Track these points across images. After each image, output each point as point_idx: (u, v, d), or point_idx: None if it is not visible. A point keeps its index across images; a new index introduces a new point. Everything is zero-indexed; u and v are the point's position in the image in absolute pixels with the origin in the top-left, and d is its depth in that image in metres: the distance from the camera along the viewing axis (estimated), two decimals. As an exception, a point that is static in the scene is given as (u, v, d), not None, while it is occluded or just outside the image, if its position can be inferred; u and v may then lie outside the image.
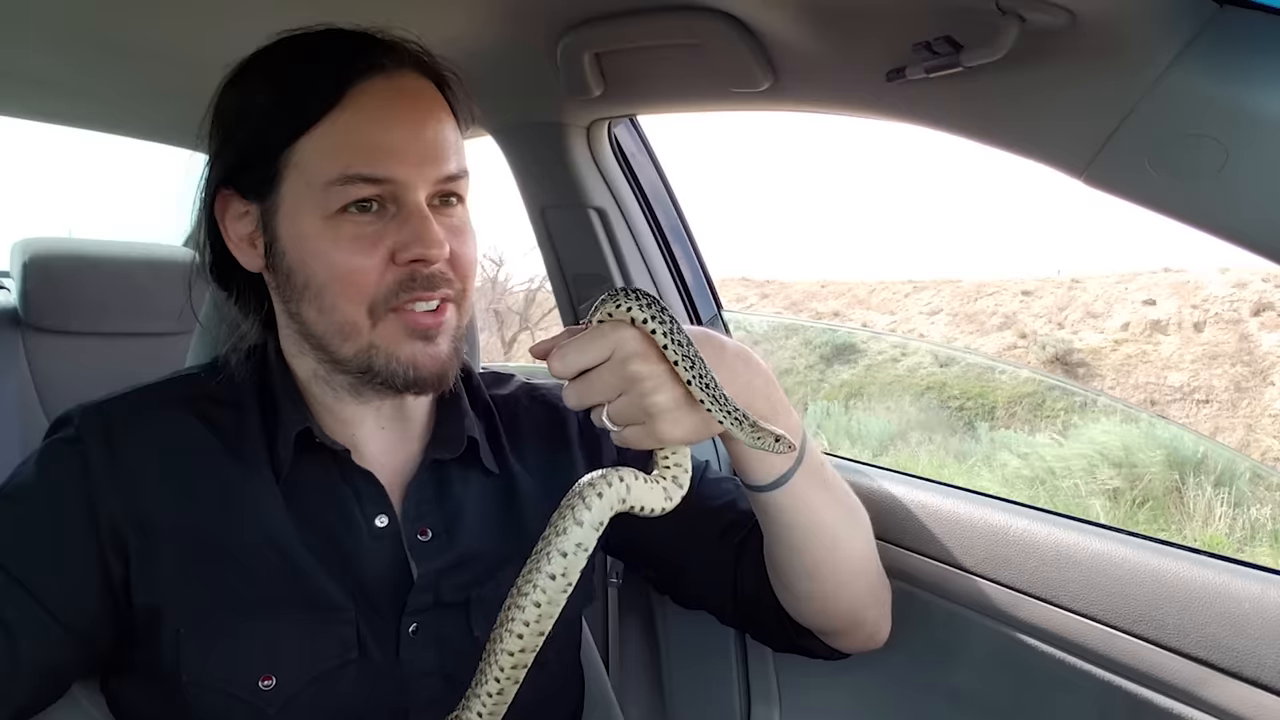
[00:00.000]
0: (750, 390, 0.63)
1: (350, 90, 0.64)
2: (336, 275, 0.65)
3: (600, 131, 1.19)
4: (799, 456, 0.67)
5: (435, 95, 0.69)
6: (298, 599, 0.66)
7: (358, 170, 0.63)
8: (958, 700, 0.90)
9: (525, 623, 0.55)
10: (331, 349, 0.67)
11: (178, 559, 0.65)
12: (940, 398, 7.51)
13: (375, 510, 0.70)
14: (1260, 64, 0.54)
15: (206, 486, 0.67)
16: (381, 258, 0.65)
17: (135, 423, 0.68)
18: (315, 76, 0.65)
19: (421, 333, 0.66)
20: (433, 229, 0.65)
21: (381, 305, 0.65)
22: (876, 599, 0.78)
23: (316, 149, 0.64)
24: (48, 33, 1.03)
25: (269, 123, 0.65)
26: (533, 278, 10.56)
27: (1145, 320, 8.88)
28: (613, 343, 0.57)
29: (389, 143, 0.64)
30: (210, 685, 0.64)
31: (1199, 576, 0.72)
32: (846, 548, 0.72)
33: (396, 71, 0.66)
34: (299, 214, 0.65)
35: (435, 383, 0.68)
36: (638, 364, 0.57)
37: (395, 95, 0.66)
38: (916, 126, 0.77)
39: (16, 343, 1.13)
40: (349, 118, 0.64)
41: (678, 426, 0.58)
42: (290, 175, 0.65)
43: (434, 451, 0.74)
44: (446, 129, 0.68)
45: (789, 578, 0.73)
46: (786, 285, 11.59)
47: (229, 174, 0.68)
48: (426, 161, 0.65)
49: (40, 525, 0.64)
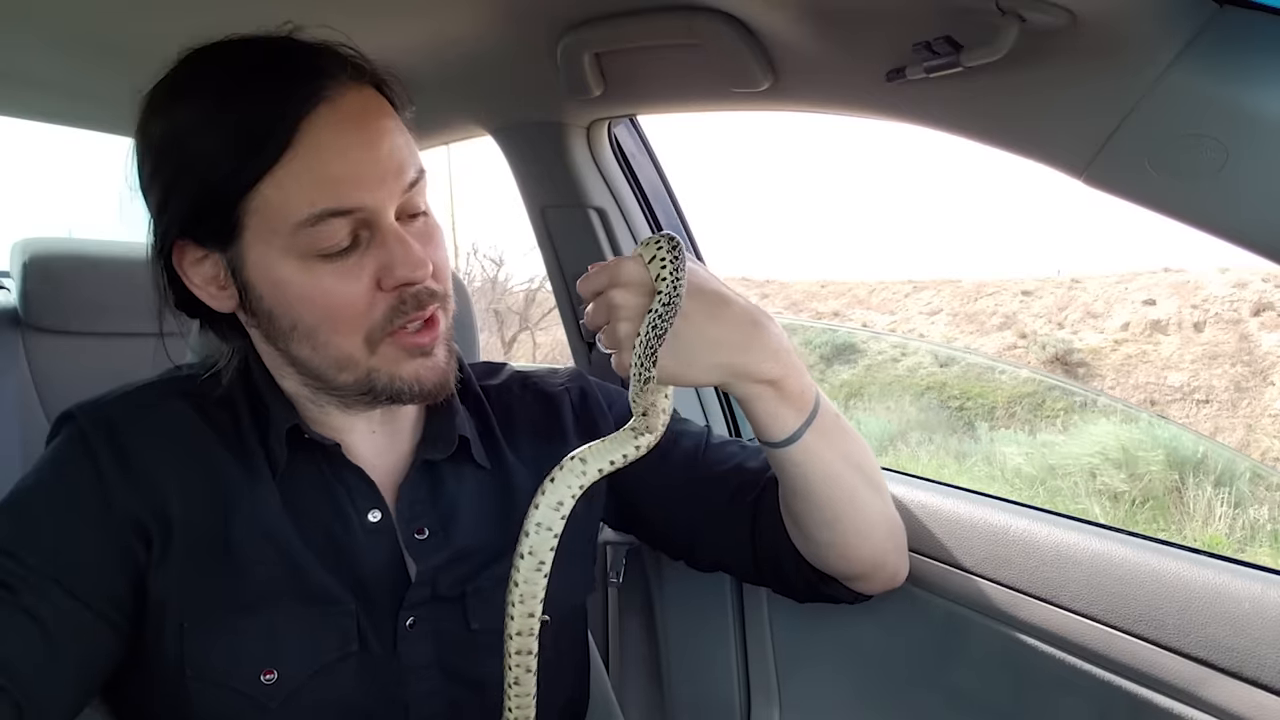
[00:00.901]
0: (746, 353, 0.64)
1: (300, 125, 0.61)
2: (327, 315, 0.64)
3: (600, 131, 1.19)
4: (811, 414, 0.68)
5: (379, 104, 0.67)
6: (298, 593, 0.66)
7: (326, 206, 0.61)
8: (958, 700, 0.90)
9: (511, 604, 0.59)
10: (327, 379, 0.67)
11: (183, 553, 0.65)
12: (940, 398, 7.51)
13: (368, 506, 0.71)
14: (1260, 64, 0.54)
15: (208, 482, 0.67)
16: (367, 287, 0.64)
17: (138, 419, 0.68)
18: (261, 119, 0.61)
19: (420, 350, 0.67)
20: (413, 250, 0.64)
21: (378, 333, 0.65)
22: (896, 543, 0.80)
23: (277, 193, 0.61)
24: (48, 33, 1.03)
25: (220, 173, 0.62)
26: (533, 278, 10.56)
27: (1145, 320, 8.87)
28: (611, 273, 0.61)
29: (349, 171, 0.62)
30: (213, 680, 0.64)
31: (1199, 576, 0.72)
32: (865, 499, 0.74)
33: (338, 94, 0.63)
34: (269, 258, 0.63)
35: (438, 391, 0.69)
36: (618, 294, 0.60)
37: (343, 119, 0.63)
38: (916, 126, 0.77)
39: (16, 343, 1.13)
40: (304, 156, 0.61)
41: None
42: (252, 222, 0.63)
43: (425, 452, 0.75)
44: (397, 136, 0.66)
45: (809, 529, 0.74)
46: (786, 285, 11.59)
47: (183, 227, 0.65)
48: (389, 178, 0.64)
49: (63, 522, 0.64)
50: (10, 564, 0.61)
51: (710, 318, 0.62)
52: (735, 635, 1.14)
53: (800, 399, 0.68)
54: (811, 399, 0.69)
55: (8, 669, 0.59)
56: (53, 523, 0.64)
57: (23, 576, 0.61)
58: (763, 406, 0.67)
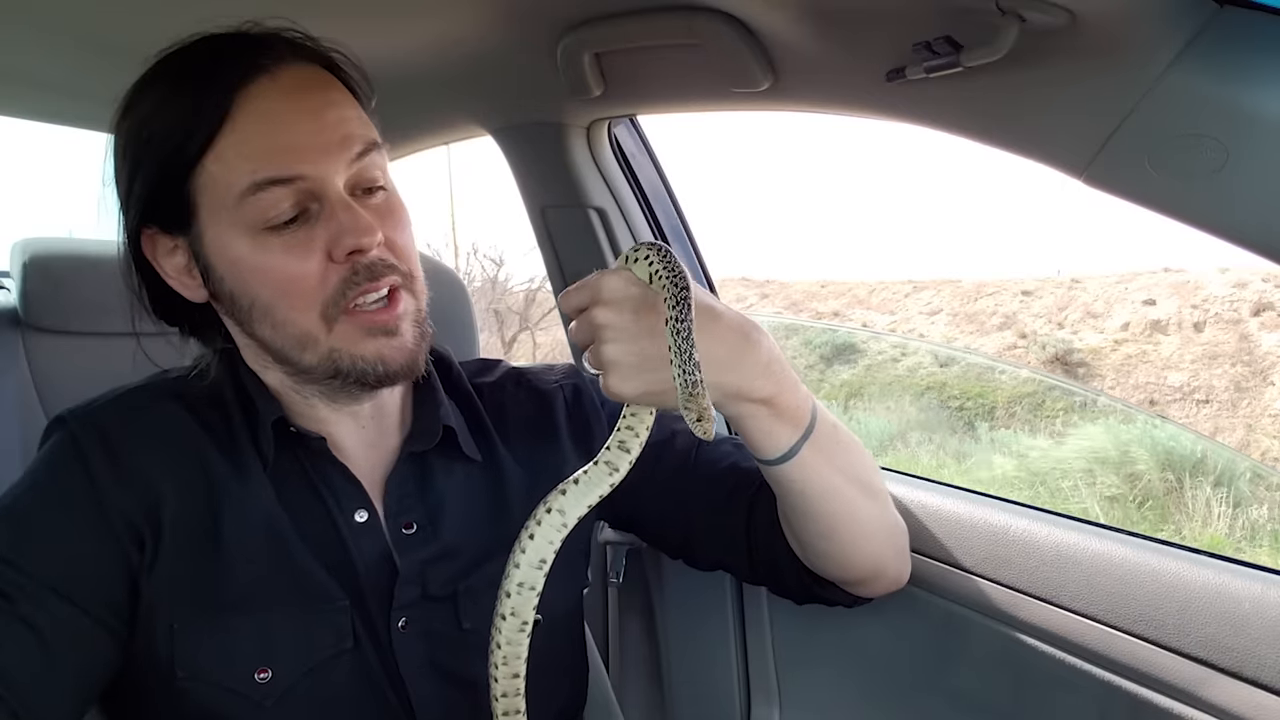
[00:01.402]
0: (737, 370, 0.63)
1: (236, 98, 0.62)
2: (280, 289, 0.64)
3: (600, 131, 1.19)
4: (806, 430, 0.67)
5: (325, 78, 0.67)
6: (291, 591, 0.66)
7: (265, 174, 0.62)
8: (958, 700, 0.90)
9: (494, 664, 0.58)
10: (294, 361, 0.67)
11: (175, 553, 0.65)
12: (940, 398, 7.50)
13: (353, 505, 0.71)
14: (1260, 64, 0.54)
15: (199, 481, 0.67)
16: (319, 259, 0.64)
17: (129, 422, 0.68)
18: (199, 94, 0.63)
19: (380, 329, 0.66)
20: (360, 216, 0.64)
21: (333, 308, 0.65)
22: (896, 549, 0.78)
23: (219, 165, 0.63)
24: (48, 33, 1.03)
25: (166, 152, 0.63)
26: (533, 278, 10.54)
27: (1145, 320, 8.87)
28: (593, 289, 0.59)
29: (289, 139, 0.63)
30: (206, 679, 0.64)
31: (1199, 576, 0.72)
32: (863, 510, 0.72)
33: (278, 67, 0.64)
34: (224, 238, 0.64)
35: (406, 373, 0.68)
36: (601, 313, 0.59)
37: (283, 91, 0.64)
38: (916, 126, 0.77)
39: (16, 343, 1.13)
40: (243, 126, 0.62)
41: (625, 383, 0.60)
42: (203, 199, 0.64)
43: (411, 444, 0.74)
44: (345, 109, 0.66)
45: (806, 538, 0.74)
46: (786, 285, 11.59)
47: (145, 214, 0.67)
48: (332, 147, 0.64)
49: (58, 529, 0.64)
50: (7, 572, 0.61)
51: (698, 332, 0.59)
52: (735, 635, 1.14)
53: (795, 414, 0.66)
54: (807, 414, 0.67)
55: (6, 678, 0.58)
56: (48, 530, 0.64)
57: (20, 585, 0.61)
58: (756, 425, 0.65)
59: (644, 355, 0.59)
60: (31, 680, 0.59)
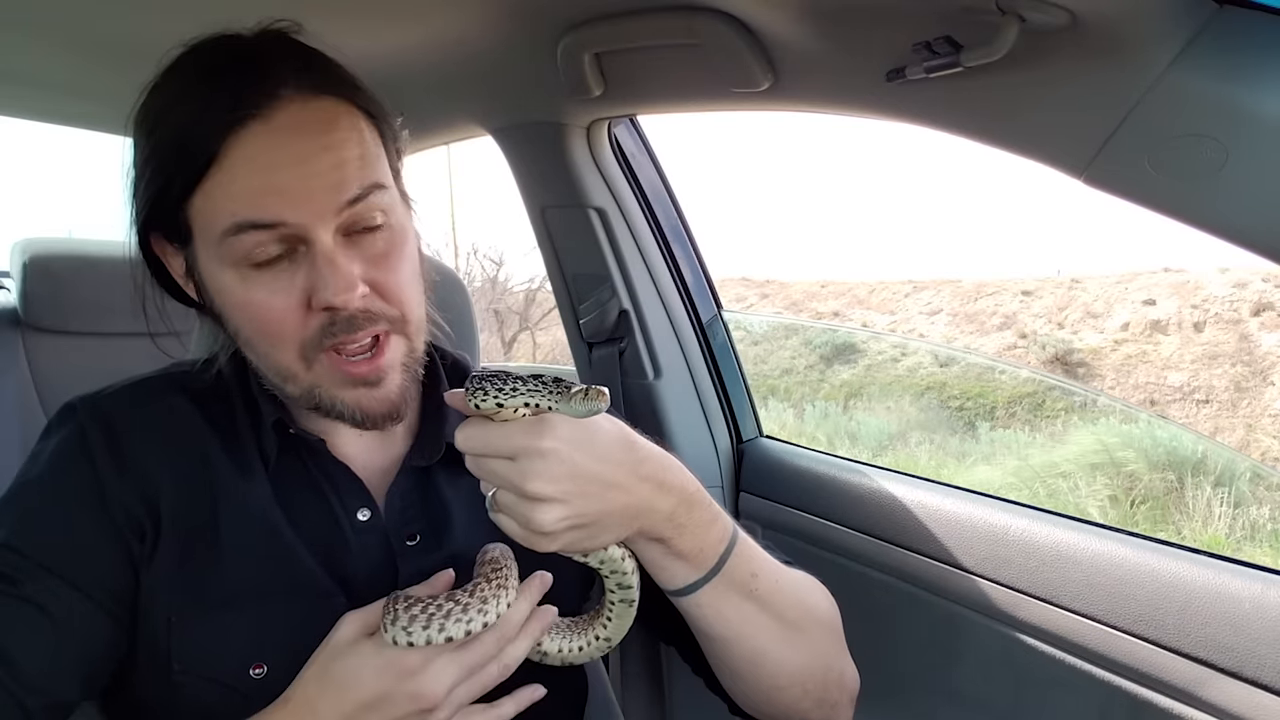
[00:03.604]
0: (643, 515, 0.60)
1: (227, 141, 0.61)
2: (259, 326, 0.64)
3: (600, 131, 1.19)
4: (710, 572, 0.64)
5: (327, 115, 0.64)
6: (288, 588, 0.66)
7: (245, 218, 0.61)
8: (958, 700, 0.90)
9: None
10: (279, 388, 0.68)
11: (173, 546, 0.65)
12: (940, 398, 7.50)
13: (356, 504, 0.70)
14: (1260, 64, 0.54)
15: (201, 475, 0.68)
16: (298, 303, 0.63)
17: (135, 414, 0.69)
18: (194, 131, 0.62)
19: (361, 380, 0.65)
20: (339, 271, 0.62)
21: (311, 349, 0.64)
22: (819, 699, 0.71)
23: (206, 204, 0.63)
24: (48, 33, 1.03)
25: (164, 177, 0.63)
26: (533, 278, 10.53)
27: (1145, 320, 8.87)
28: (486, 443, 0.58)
29: (273, 185, 0.61)
30: (201, 674, 0.64)
31: (1199, 576, 0.72)
32: (777, 658, 0.68)
33: (273, 108, 0.62)
34: (213, 266, 0.64)
35: (386, 420, 0.67)
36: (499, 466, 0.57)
37: (275, 134, 0.62)
38: (916, 126, 0.77)
39: (16, 343, 1.13)
40: (230, 169, 0.61)
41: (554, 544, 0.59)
42: (196, 226, 0.64)
43: (414, 457, 0.74)
44: (344, 150, 0.63)
45: (715, 669, 0.71)
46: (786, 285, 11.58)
47: (147, 220, 0.67)
48: (318, 195, 0.62)
49: (64, 519, 0.64)
50: (14, 558, 0.62)
51: (611, 489, 0.58)
52: (735, 635, 1.14)
53: (697, 557, 0.63)
54: (713, 557, 0.64)
55: (12, 662, 0.59)
56: (54, 519, 0.64)
57: (28, 571, 0.62)
58: (649, 557, 0.63)
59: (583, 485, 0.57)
60: (39, 663, 0.60)
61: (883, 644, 0.98)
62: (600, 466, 0.57)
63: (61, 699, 0.62)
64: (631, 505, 0.59)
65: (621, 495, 0.59)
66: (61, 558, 0.63)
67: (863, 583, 1.00)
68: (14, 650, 0.60)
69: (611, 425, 0.60)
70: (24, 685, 0.59)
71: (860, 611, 0.87)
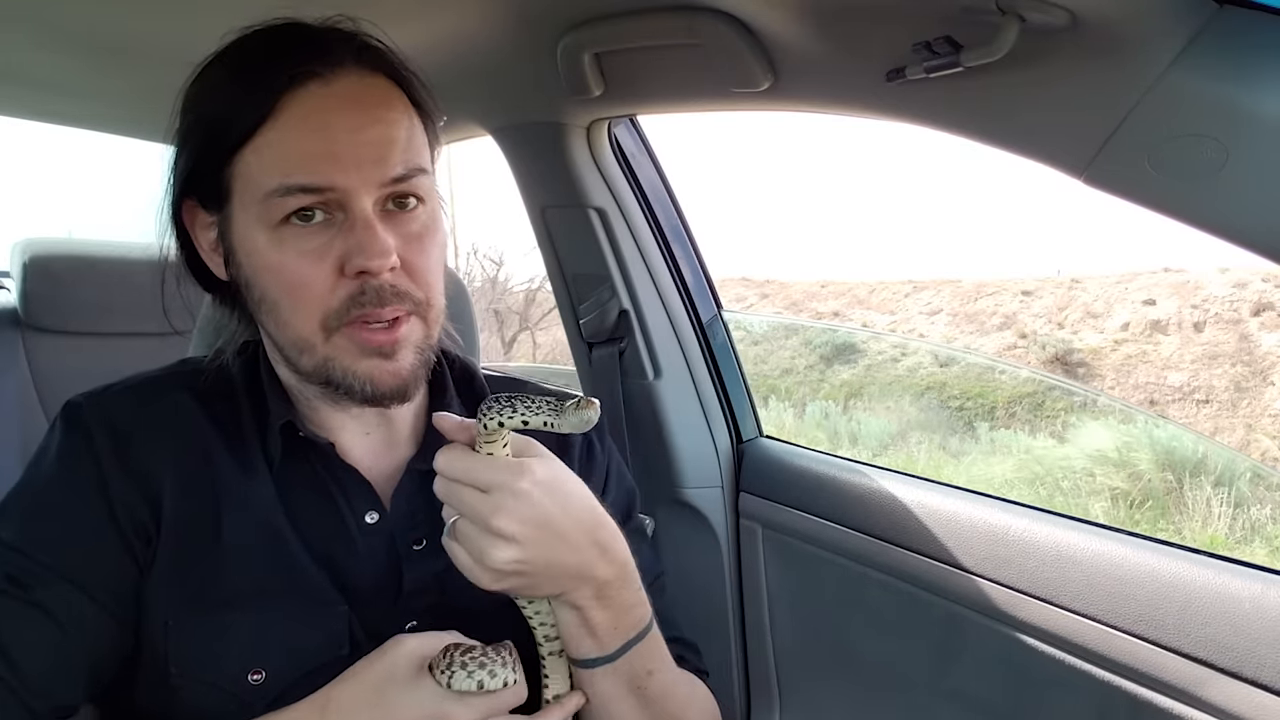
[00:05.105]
0: (573, 584, 0.62)
1: (284, 99, 0.62)
2: (287, 289, 0.64)
3: (600, 131, 1.19)
4: (609, 656, 0.65)
5: (382, 93, 0.66)
6: (289, 591, 0.66)
7: (295, 180, 0.62)
8: (958, 700, 0.90)
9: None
10: (292, 361, 0.67)
11: (173, 548, 0.65)
12: (940, 398, 7.50)
13: (364, 507, 0.70)
14: (1260, 64, 0.54)
15: (204, 476, 0.67)
16: (330, 269, 0.63)
17: (140, 413, 0.69)
18: (250, 88, 0.63)
19: (376, 349, 0.65)
20: (377, 238, 0.62)
21: (334, 319, 0.64)
22: None
23: (256, 161, 0.63)
24: (48, 33, 1.03)
25: (213, 136, 0.64)
26: (533, 278, 10.53)
27: (1145, 320, 8.87)
28: (464, 472, 0.60)
29: (325, 149, 0.62)
30: (198, 678, 0.64)
31: (1199, 576, 0.72)
32: None
33: (334, 75, 0.64)
34: (248, 227, 0.64)
35: (395, 397, 0.67)
36: (470, 495, 0.59)
37: (332, 100, 0.63)
38: (916, 126, 0.77)
39: (16, 343, 1.13)
40: (284, 127, 0.62)
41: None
42: (237, 187, 0.64)
43: (419, 462, 0.73)
44: (395, 128, 0.65)
45: None
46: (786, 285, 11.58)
47: (188, 185, 0.67)
48: (366, 165, 0.63)
49: (70, 521, 0.64)
50: (19, 560, 0.62)
51: (561, 540, 0.60)
52: (735, 635, 1.14)
53: (607, 635, 0.64)
54: (620, 639, 0.65)
55: (17, 665, 0.59)
56: (59, 521, 0.64)
57: (33, 573, 0.61)
58: (563, 616, 0.64)
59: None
60: (41, 664, 0.60)
61: (883, 644, 0.98)
62: (564, 519, 0.60)
63: (66, 701, 0.62)
64: (575, 565, 0.61)
65: (572, 554, 0.61)
66: (67, 560, 0.62)
67: (863, 583, 1.00)
68: (19, 653, 0.59)
69: (579, 486, 0.63)
70: (29, 688, 0.59)
71: (860, 611, 0.87)
